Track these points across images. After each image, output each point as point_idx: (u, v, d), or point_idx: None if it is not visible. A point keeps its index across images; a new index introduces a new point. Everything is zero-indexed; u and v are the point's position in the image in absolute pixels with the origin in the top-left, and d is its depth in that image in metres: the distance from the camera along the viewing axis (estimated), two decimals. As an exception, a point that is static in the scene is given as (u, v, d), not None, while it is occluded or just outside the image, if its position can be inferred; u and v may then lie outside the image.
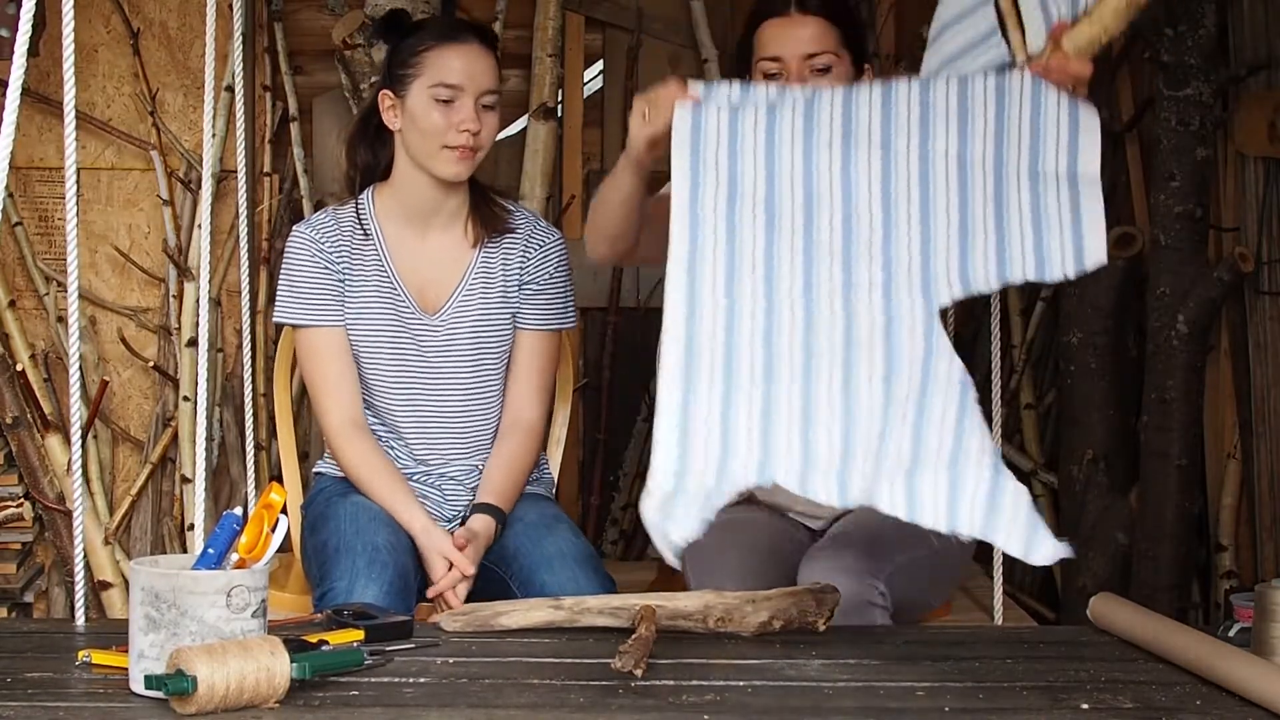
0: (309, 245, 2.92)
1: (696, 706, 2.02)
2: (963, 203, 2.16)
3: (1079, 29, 2.12)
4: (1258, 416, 3.57)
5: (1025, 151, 2.20)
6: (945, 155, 2.19)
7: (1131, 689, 2.13)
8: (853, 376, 2.01)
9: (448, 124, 2.84)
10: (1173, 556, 3.66)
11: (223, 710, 1.95)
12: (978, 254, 2.13)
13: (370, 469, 2.87)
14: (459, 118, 2.84)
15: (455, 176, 2.88)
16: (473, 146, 2.85)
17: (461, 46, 2.87)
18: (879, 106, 2.23)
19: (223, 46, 3.56)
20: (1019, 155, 2.19)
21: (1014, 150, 2.20)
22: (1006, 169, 2.18)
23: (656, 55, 4.12)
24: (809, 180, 2.19)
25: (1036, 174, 2.17)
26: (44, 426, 3.81)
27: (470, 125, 2.83)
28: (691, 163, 2.19)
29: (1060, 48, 2.11)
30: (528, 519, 2.89)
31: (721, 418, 2.03)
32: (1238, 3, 3.59)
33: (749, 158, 2.21)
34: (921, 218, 2.16)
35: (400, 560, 2.72)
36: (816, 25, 2.71)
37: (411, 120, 2.86)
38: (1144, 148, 4.03)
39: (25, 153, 3.86)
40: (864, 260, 2.12)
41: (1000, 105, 2.21)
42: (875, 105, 2.23)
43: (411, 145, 2.88)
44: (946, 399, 2.01)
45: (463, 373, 2.95)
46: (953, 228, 2.15)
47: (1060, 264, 2.12)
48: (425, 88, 2.85)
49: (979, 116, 2.21)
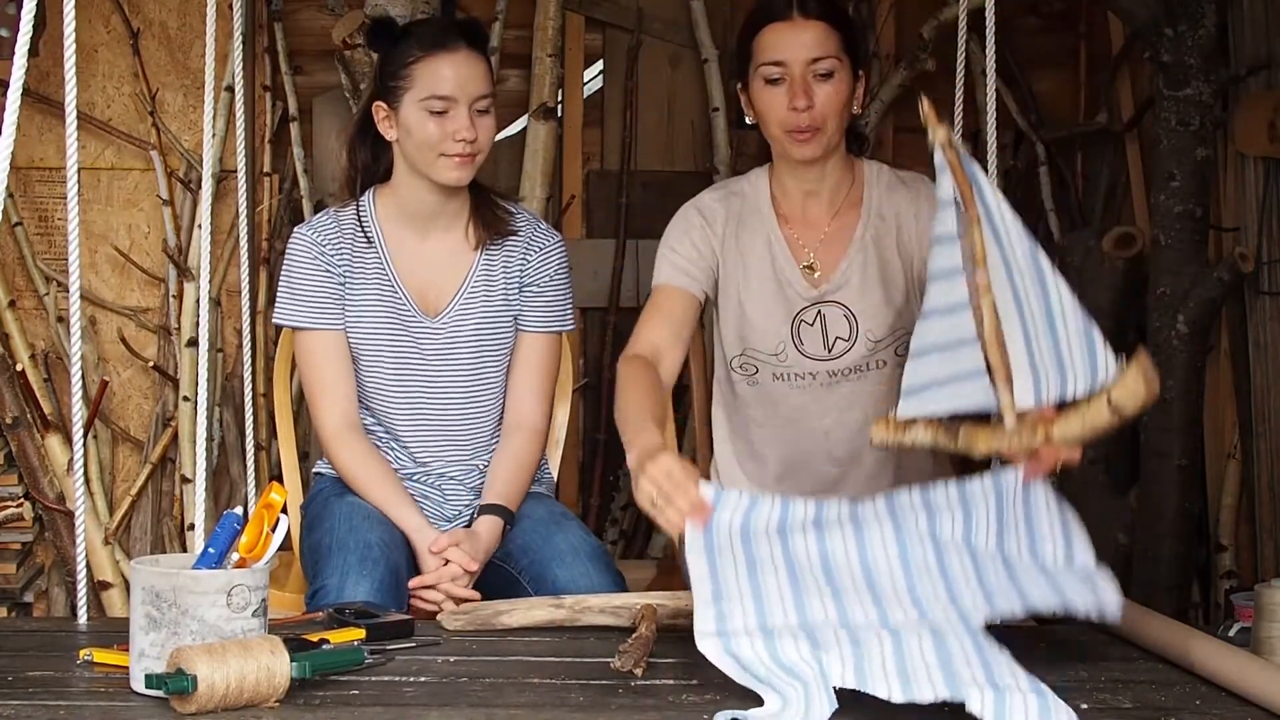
0: (310, 247, 2.92)
1: (696, 706, 2.02)
2: (978, 569, 2.22)
3: (1069, 425, 2.13)
4: (1258, 416, 3.57)
5: (1024, 546, 2.26)
6: (953, 539, 2.25)
7: (1131, 689, 2.13)
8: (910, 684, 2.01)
9: (443, 134, 2.82)
10: (1173, 556, 3.66)
11: (223, 709, 1.95)
12: (1000, 593, 2.18)
13: (366, 471, 2.88)
14: (454, 127, 2.82)
15: (457, 182, 2.87)
16: (471, 152, 2.84)
17: (450, 55, 2.83)
18: (883, 503, 2.29)
19: (223, 46, 3.56)
20: (1018, 547, 2.26)
21: (1014, 542, 2.26)
22: (1009, 554, 2.25)
23: (656, 55, 4.12)
24: (825, 556, 2.23)
25: (1041, 560, 2.26)
26: (44, 426, 3.81)
27: (466, 134, 2.81)
28: (709, 560, 2.22)
29: (1051, 440, 2.13)
30: (536, 515, 2.89)
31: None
32: (1238, 3, 3.59)
33: (764, 544, 2.23)
34: (940, 570, 2.21)
35: (392, 558, 2.72)
36: (819, 29, 2.69)
37: (407, 132, 2.85)
38: (1144, 148, 4.04)
39: (25, 153, 3.86)
40: (893, 602, 2.15)
41: (1000, 505, 2.27)
42: (880, 503, 2.30)
43: (409, 155, 2.88)
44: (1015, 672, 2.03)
45: (463, 375, 2.95)
46: (970, 578, 2.20)
47: (1081, 603, 2.17)
48: (417, 100, 2.83)
49: (979, 509, 2.27)
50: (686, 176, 4.05)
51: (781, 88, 2.69)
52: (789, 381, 2.80)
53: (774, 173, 2.83)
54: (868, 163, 2.85)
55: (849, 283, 2.77)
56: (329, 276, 2.91)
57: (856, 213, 2.79)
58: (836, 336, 2.77)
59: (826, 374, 2.79)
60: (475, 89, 2.84)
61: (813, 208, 2.80)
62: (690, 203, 2.87)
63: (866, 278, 2.76)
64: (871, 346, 2.77)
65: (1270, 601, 2.21)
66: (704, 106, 4.08)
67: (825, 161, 2.75)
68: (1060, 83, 4.21)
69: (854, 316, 2.76)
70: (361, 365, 2.94)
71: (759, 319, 2.79)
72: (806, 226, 2.80)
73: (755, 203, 2.83)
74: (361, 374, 2.95)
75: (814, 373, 2.79)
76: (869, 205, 2.79)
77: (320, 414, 2.92)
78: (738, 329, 2.82)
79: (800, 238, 2.80)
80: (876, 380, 2.79)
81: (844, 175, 2.80)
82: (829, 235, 2.79)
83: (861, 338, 2.77)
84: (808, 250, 2.79)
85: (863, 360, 2.78)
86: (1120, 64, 4.08)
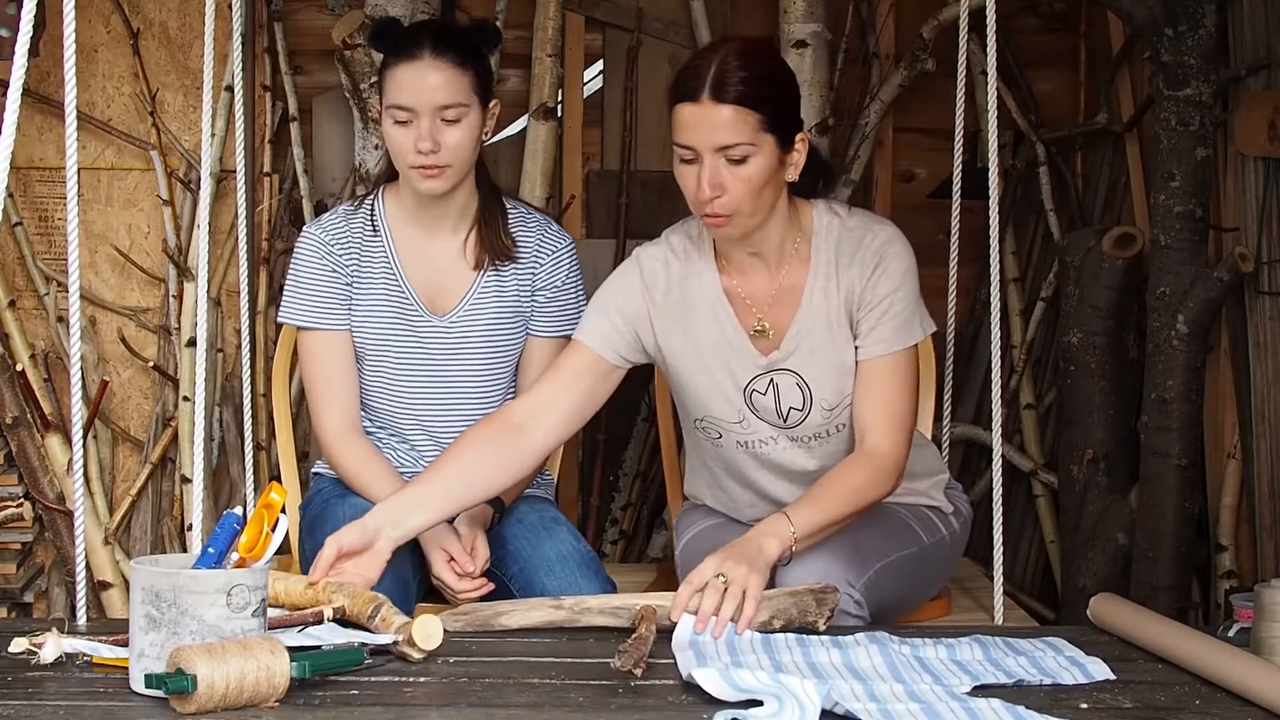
0: (318, 247, 2.91)
1: (696, 706, 2.02)
2: (961, 666, 2.23)
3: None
4: (1258, 416, 3.57)
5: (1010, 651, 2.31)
6: (937, 656, 2.27)
7: (1131, 689, 2.13)
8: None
9: (407, 144, 2.79)
10: (1173, 556, 3.66)
11: (222, 709, 1.95)
12: (984, 673, 2.20)
13: (369, 471, 2.87)
14: (414, 137, 2.78)
15: (428, 192, 2.84)
16: (433, 164, 2.78)
17: (410, 64, 2.78)
18: (872, 643, 2.32)
19: (222, 46, 3.56)
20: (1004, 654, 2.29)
21: (998, 652, 2.30)
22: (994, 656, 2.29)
23: (656, 55, 4.11)
24: (811, 663, 2.24)
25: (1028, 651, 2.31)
26: (44, 426, 3.81)
27: (423, 145, 2.76)
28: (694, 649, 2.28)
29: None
30: (527, 521, 2.89)
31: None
32: (1238, 3, 3.59)
33: (751, 659, 2.25)
34: (922, 665, 2.22)
35: (397, 561, 2.72)
36: (731, 114, 2.50)
37: (386, 138, 2.85)
38: (1144, 148, 4.03)
39: (25, 153, 3.86)
40: (879, 682, 2.14)
41: (985, 647, 2.32)
42: (867, 642, 2.32)
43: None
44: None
45: (470, 374, 2.94)
46: (953, 669, 2.22)
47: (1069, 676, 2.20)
48: (386, 109, 2.81)
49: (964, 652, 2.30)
50: (686, 176, 4.06)
51: (693, 168, 2.55)
52: (753, 447, 2.74)
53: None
54: (815, 208, 2.71)
55: (799, 349, 2.67)
56: (336, 276, 2.91)
57: (805, 268, 2.68)
58: (790, 406, 2.70)
59: (788, 439, 2.73)
60: (436, 98, 2.77)
61: (758, 265, 2.69)
62: (634, 256, 2.77)
63: (816, 342, 2.67)
64: (826, 415, 2.69)
65: (1270, 601, 2.21)
66: (704, 106, 4.08)
67: (761, 228, 2.63)
68: (1060, 83, 4.20)
69: (806, 385, 2.68)
70: (367, 364, 2.94)
71: (712, 389, 2.72)
72: (754, 284, 2.70)
73: (698, 265, 2.72)
74: (366, 372, 2.94)
75: (774, 438, 2.73)
76: (817, 259, 2.68)
77: (322, 415, 2.91)
78: (696, 397, 2.75)
79: (748, 297, 2.70)
80: (840, 441, 2.72)
81: (787, 230, 2.68)
82: (777, 294, 2.69)
83: (816, 406, 2.69)
84: (755, 311, 2.69)
85: (821, 427, 2.71)
86: (1120, 64, 4.08)
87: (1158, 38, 3.53)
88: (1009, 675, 2.17)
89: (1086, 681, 2.16)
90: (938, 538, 2.80)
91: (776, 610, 2.39)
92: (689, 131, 2.54)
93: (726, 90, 2.50)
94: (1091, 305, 3.87)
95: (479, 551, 2.77)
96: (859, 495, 2.57)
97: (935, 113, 3.98)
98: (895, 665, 2.21)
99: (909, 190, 4.11)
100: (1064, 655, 2.27)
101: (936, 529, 2.81)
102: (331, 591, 2.39)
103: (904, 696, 2.06)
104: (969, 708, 2.01)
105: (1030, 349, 4.17)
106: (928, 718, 1.98)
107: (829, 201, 2.75)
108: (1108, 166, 4.15)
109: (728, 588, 2.35)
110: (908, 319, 2.67)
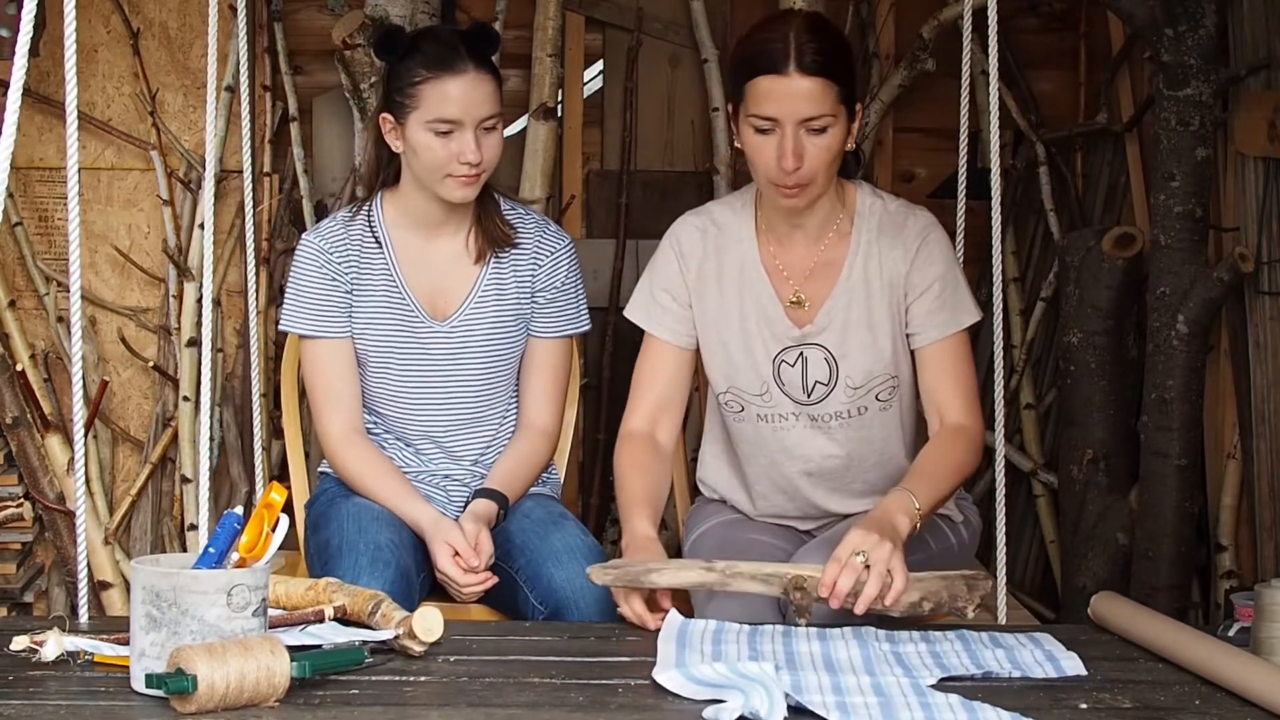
0: (317, 255, 2.91)
1: (695, 706, 2.02)
2: (936, 659, 2.27)
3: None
4: (1258, 416, 3.57)
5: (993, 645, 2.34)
6: (918, 654, 2.29)
7: (1131, 689, 2.13)
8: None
9: (449, 156, 2.80)
10: (1173, 556, 3.65)
11: (223, 709, 1.95)
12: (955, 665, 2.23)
13: (374, 473, 2.88)
14: (459, 149, 2.79)
15: (463, 199, 2.86)
16: (476, 173, 2.82)
17: (458, 78, 2.80)
18: (853, 637, 2.35)
19: (223, 46, 3.56)
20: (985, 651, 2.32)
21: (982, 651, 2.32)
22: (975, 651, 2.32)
23: (656, 55, 4.12)
24: (790, 653, 2.28)
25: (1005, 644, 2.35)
26: (44, 426, 3.81)
27: (471, 157, 2.79)
28: (678, 641, 2.31)
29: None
30: (534, 515, 2.90)
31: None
32: (1238, 3, 3.59)
33: (732, 644, 2.30)
34: (897, 659, 2.26)
35: (402, 559, 2.72)
36: (815, 85, 2.54)
37: (413, 151, 2.83)
38: (1144, 148, 4.03)
39: (25, 153, 3.86)
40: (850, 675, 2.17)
41: (970, 648, 2.33)
42: (849, 635, 2.36)
43: (415, 170, 2.87)
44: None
45: (471, 378, 2.95)
46: (927, 659, 2.26)
47: (1040, 671, 2.22)
48: (423, 122, 2.80)
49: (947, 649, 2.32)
50: (686, 176, 4.06)
51: (771, 139, 2.57)
52: (773, 423, 2.75)
53: (759, 198, 2.75)
54: (860, 189, 2.77)
55: (833, 324, 2.70)
56: (335, 285, 2.91)
57: (846, 244, 2.72)
58: (816, 381, 2.71)
59: (809, 418, 2.74)
60: (481, 110, 2.80)
61: (799, 238, 2.73)
62: (671, 231, 2.81)
63: (851, 318, 2.70)
64: (850, 394, 2.71)
65: (1270, 601, 2.21)
66: (704, 106, 4.08)
67: (819, 199, 2.68)
68: (1060, 83, 4.20)
69: (834, 360, 2.70)
70: (368, 369, 2.94)
71: (741, 357, 2.74)
72: (793, 256, 2.73)
73: (737, 233, 2.75)
74: (368, 378, 2.95)
75: (796, 414, 2.74)
76: (859, 237, 2.72)
77: (325, 421, 2.92)
78: (723, 367, 2.77)
79: (785, 268, 2.73)
80: (860, 428, 2.74)
81: (833, 205, 2.72)
82: (816, 267, 2.72)
83: (841, 383, 2.70)
84: (793, 282, 2.72)
85: (844, 407, 2.72)
86: (1120, 64, 4.08)
87: (1158, 38, 3.53)
88: (979, 666, 2.19)
89: (1057, 676, 2.18)
90: (945, 545, 2.80)
91: (927, 592, 2.39)
92: (773, 103, 2.55)
93: (810, 62, 2.54)
94: (1091, 305, 3.87)
95: (483, 545, 2.77)
96: (961, 469, 2.64)
97: (935, 113, 3.98)
98: (870, 659, 2.24)
99: (909, 190, 4.10)
100: (1041, 649, 2.28)
101: (945, 537, 2.81)
102: (332, 591, 2.40)
103: (868, 690, 2.08)
104: (926, 703, 2.03)
105: (1030, 349, 4.17)
106: (884, 713, 2.00)
107: (870, 185, 2.81)
108: (1108, 166, 4.15)
109: (869, 566, 2.36)
110: (960, 299, 2.73)
